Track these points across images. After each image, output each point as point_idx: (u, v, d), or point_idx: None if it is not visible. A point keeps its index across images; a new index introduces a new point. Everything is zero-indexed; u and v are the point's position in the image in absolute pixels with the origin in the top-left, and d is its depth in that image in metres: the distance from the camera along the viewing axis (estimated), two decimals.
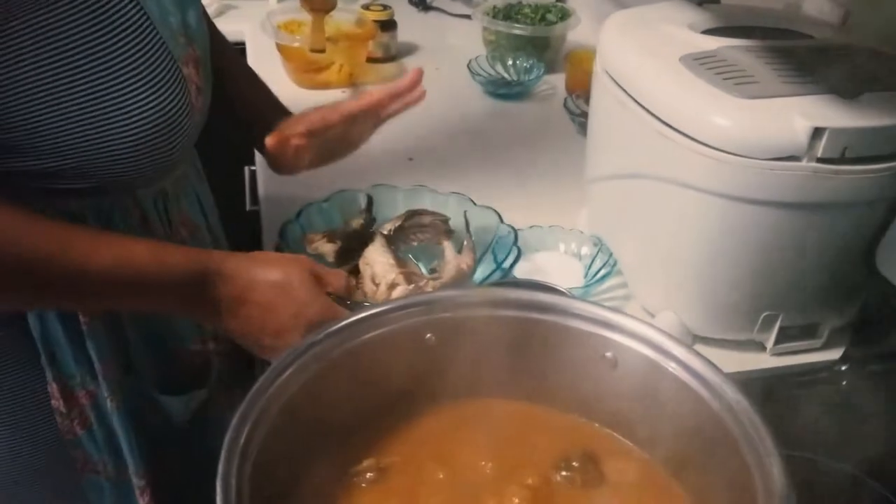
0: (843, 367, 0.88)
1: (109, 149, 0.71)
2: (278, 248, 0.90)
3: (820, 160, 0.76)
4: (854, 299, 0.88)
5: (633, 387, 0.66)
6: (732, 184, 0.79)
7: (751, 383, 0.81)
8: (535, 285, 0.77)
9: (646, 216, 0.91)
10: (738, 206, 0.80)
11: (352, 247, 0.92)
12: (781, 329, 0.88)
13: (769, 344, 0.89)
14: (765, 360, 0.90)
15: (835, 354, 0.90)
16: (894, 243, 0.79)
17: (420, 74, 0.91)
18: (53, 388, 0.79)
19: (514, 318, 0.68)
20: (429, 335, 0.68)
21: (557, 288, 0.75)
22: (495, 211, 0.97)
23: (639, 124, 0.86)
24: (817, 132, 0.74)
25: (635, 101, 0.87)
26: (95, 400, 0.81)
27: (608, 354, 0.67)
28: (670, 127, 0.81)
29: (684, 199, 0.83)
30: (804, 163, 0.76)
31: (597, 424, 0.69)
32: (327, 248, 0.92)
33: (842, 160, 0.76)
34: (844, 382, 0.87)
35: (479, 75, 1.46)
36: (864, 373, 0.87)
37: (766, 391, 0.85)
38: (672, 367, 0.63)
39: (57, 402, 0.80)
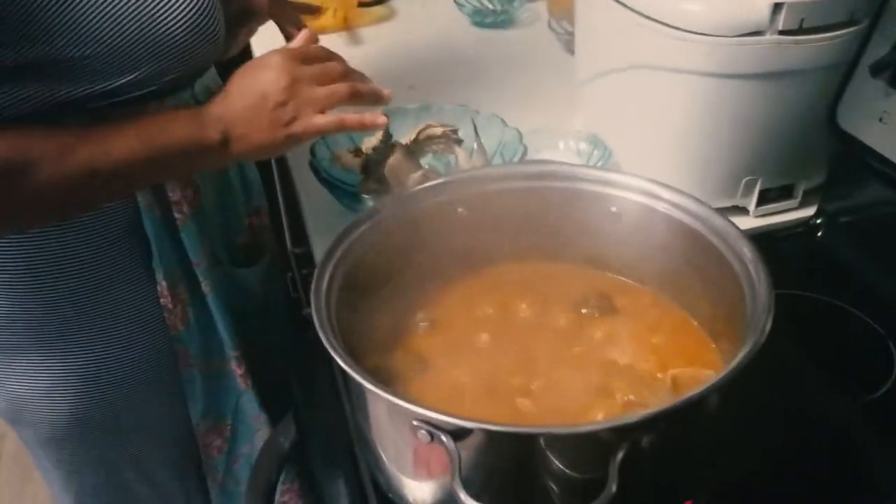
0: (818, 221, 1.00)
1: (155, 32, 0.77)
2: (311, 165, 1.01)
3: (781, 32, 0.87)
4: (823, 160, 0.99)
5: (635, 233, 0.78)
6: (704, 62, 0.90)
7: None
8: (545, 162, 0.88)
9: (633, 104, 1.02)
10: (713, 83, 0.91)
11: (376, 159, 1.03)
12: (761, 192, 1.00)
13: (751, 207, 1.01)
14: (749, 222, 1.01)
15: (810, 212, 1.02)
16: (851, 101, 0.90)
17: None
18: (163, 286, 0.90)
19: (530, 188, 0.80)
20: (460, 209, 0.79)
21: (564, 162, 0.86)
22: (499, 117, 1.08)
23: (620, 21, 0.97)
24: (777, 7, 0.85)
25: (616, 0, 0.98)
26: (192, 294, 0.93)
27: (613, 209, 0.79)
28: (648, 18, 0.92)
29: (666, 82, 0.94)
30: (767, 36, 0.87)
31: (607, 272, 0.81)
32: (354, 162, 1.03)
33: (800, 31, 0.87)
34: (820, 234, 0.99)
35: (465, 6, 1.56)
36: (837, 224, 0.99)
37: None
38: (664, 207, 0.75)
39: (165, 300, 0.91)
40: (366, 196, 0.98)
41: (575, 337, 0.75)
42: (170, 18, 0.78)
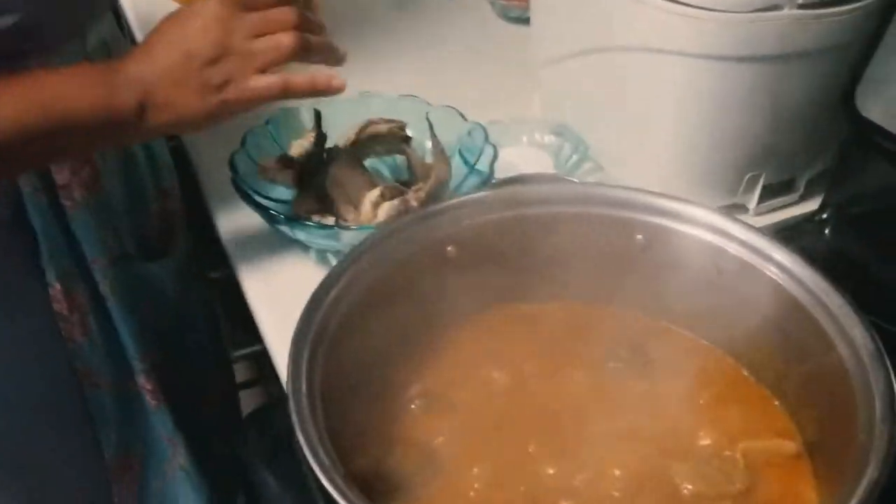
0: (825, 216, 0.89)
1: None
2: (234, 182, 0.81)
3: (801, 6, 0.73)
4: (829, 147, 0.88)
5: (672, 268, 0.64)
6: (712, 43, 0.76)
7: None
8: (549, 178, 0.72)
9: (613, 91, 0.87)
10: (717, 66, 0.77)
11: (311, 169, 0.85)
12: (763, 188, 0.87)
13: (752, 204, 0.88)
14: (749, 221, 0.88)
15: (813, 205, 0.90)
16: (871, 81, 0.78)
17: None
18: (56, 289, 0.75)
19: (533, 216, 0.64)
20: (449, 248, 0.63)
21: (569, 179, 0.71)
22: (455, 109, 0.91)
23: None
24: None
25: None
26: (92, 297, 0.78)
27: (639, 237, 0.64)
28: None
29: (657, 66, 0.79)
30: (786, 11, 0.73)
31: (639, 313, 0.66)
32: (285, 175, 0.84)
33: (822, 3, 0.74)
34: (828, 231, 0.88)
35: None
36: (846, 218, 0.87)
37: None
38: (706, 235, 0.61)
39: (60, 305, 0.76)
40: (309, 221, 0.79)
41: (608, 406, 0.60)
42: None
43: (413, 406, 0.59)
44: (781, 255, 0.57)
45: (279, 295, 0.80)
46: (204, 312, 1.00)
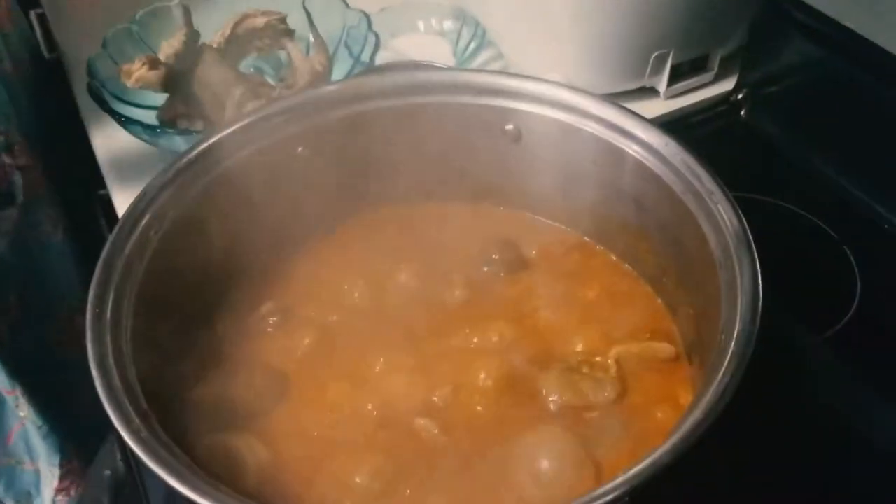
0: (740, 96, 0.83)
1: None
2: (91, 89, 0.74)
3: None
4: (741, 22, 0.81)
5: (543, 158, 0.58)
6: None
7: None
8: (408, 65, 0.65)
9: None
10: None
11: (180, 69, 0.77)
12: (672, 68, 0.81)
13: (662, 87, 0.82)
14: (660, 106, 0.83)
15: (728, 85, 0.84)
16: None
17: None
18: None
19: (394, 107, 0.58)
20: (300, 148, 0.57)
21: (434, 64, 0.64)
22: None
23: None
24: None
25: None
26: None
27: (508, 127, 0.58)
28: None
29: None
30: None
31: (509, 208, 0.61)
32: (152, 76, 0.76)
33: None
34: (743, 112, 0.82)
35: None
36: (762, 97, 0.81)
37: None
38: (585, 124, 0.55)
39: None
40: (171, 128, 0.73)
41: (478, 312, 0.55)
42: None
43: (263, 325, 0.54)
44: (650, 135, 0.51)
45: None
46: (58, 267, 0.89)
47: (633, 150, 0.52)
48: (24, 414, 0.82)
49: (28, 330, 0.81)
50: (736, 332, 0.41)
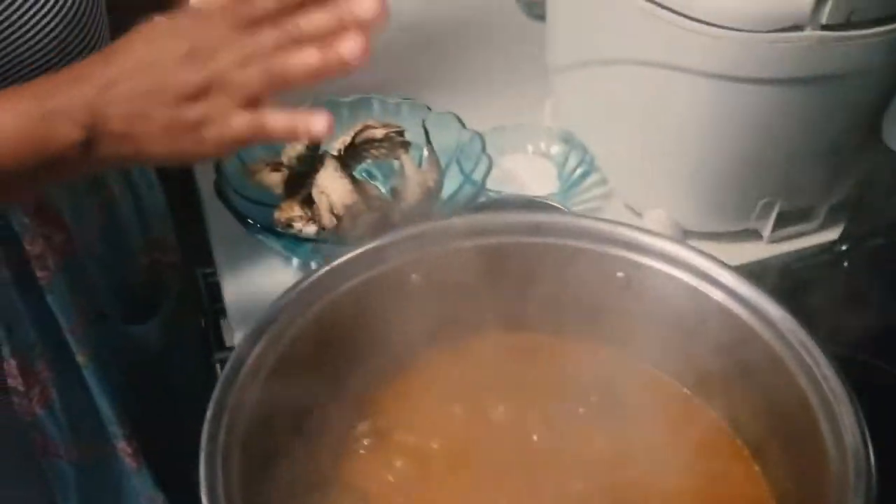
0: (843, 247, 0.82)
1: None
2: (217, 186, 0.78)
3: (825, 27, 0.67)
4: (852, 175, 0.82)
5: (652, 309, 0.59)
6: (728, 62, 0.70)
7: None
8: (524, 202, 0.68)
9: (626, 105, 0.81)
10: (733, 87, 0.71)
11: (301, 173, 0.81)
12: (779, 214, 0.81)
13: (766, 232, 0.82)
14: (761, 249, 0.83)
15: (832, 234, 0.84)
16: None
17: None
18: (11, 364, 0.69)
19: (512, 244, 0.60)
20: (413, 275, 0.59)
21: (552, 203, 0.66)
22: (455, 116, 0.87)
23: (614, 1, 0.76)
24: None
25: None
26: (57, 368, 0.71)
27: (620, 274, 0.59)
28: (653, 2, 0.71)
29: (672, 82, 0.74)
30: (808, 32, 0.67)
31: (613, 350, 0.62)
32: (274, 179, 0.81)
33: (847, 25, 0.68)
34: (846, 263, 0.82)
35: None
36: (866, 251, 0.81)
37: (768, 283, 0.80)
38: (697, 283, 0.56)
39: (14, 381, 0.70)
40: (286, 229, 0.76)
41: (571, 455, 0.56)
42: (25, 29, 0.57)
43: (357, 445, 0.56)
44: (772, 309, 0.52)
45: (255, 302, 0.77)
46: (192, 360, 0.92)
47: (746, 316, 0.52)
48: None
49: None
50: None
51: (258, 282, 0.80)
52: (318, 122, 0.52)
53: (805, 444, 0.49)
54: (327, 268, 0.56)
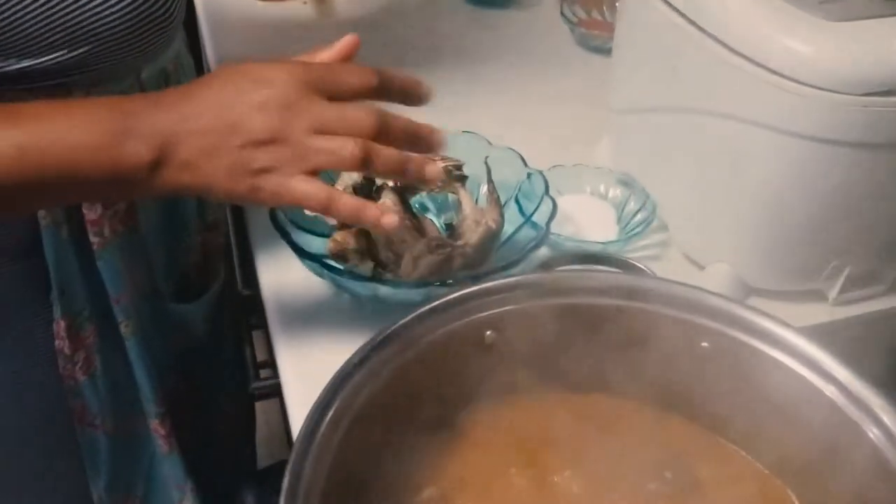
0: None
1: (76, 14, 0.59)
2: (272, 217, 0.75)
3: None
4: None
5: (735, 382, 0.56)
6: (812, 123, 0.67)
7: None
8: (601, 259, 0.65)
9: (695, 154, 0.79)
10: (815, 148, 0.68)
11: None
12: (847, 277, 0.79)
13: (832, 294, 0.80)
14: (826, 312, 0.80)
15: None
16: None
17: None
18: (60, 325, 0.71)
19: (597, 306, 0.57)
20: (489, 332, 0.56)
21: (635, 264, 0.63)
22: (517, 152, 0.84)
23: (692, 48, 0.73)
24: None
25: (688, 19, 0.73)
26: (103, 336, 0.74)
27: (704, 344, 0.56)
28: (736, 53, 0.69)
29: (748, 137, 0.71)
30: None
31: (692, 423, 0.59)
32: None
33: None
34: None
35: None
36: None
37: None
38: (800, 369, 0.53)
39: (62, 343, 0.71)
40: (340, 262, 0.73)
41: None
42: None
43: None
44: (889, 416, 0.49)
45: (303, 336, 0.74)
46: (232, 350, 0.95)
47: (850, 410, 0.50)
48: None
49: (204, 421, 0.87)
50: None
51: (306, 313, 0.77)
52: (387, 221, 0.58)
53: None
54: (403, 321, 0.53)
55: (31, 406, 0.74)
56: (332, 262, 0.74)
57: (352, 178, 0.81)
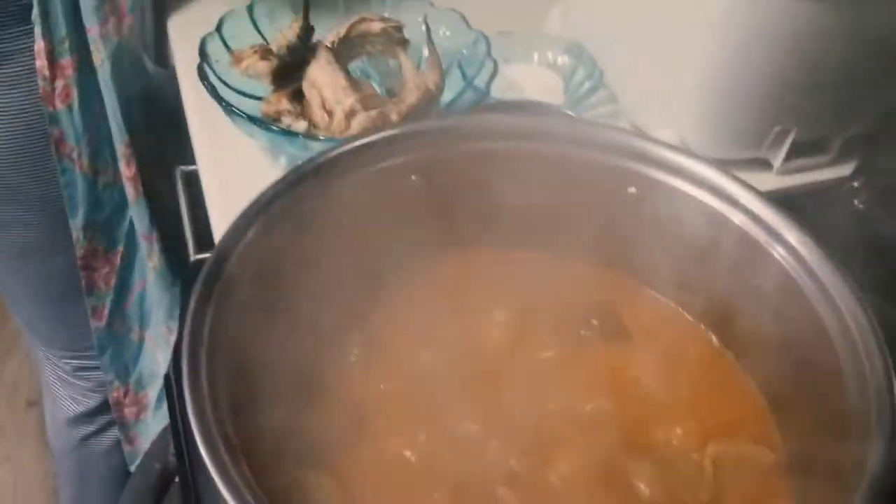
0: (856, 183, 0.79)
1: None
2: (200, 70, 0.72)
3: None
4: (873, 105, 0.77)
5: (664, 230, 0.55)
6: None
7: None
8: (533, 106, 0.63)
9: (640, 16, 0.76)
10: (760, 2, 0.66)
11: (291, 64, 0.75)
12: (792, 144, 0.77)
13: (777, 162, 0.78)
14: (771, 180, 0.79)
15: (845, 170, 0.81)
16: None
17: None
18: (40, 45, 0.75)
19: (512, 151, 0.55)
20: (413, 176, 0.54)
21: (565, 111, 0.61)
22: (460, 14, 0.81)
23: None
24: None
25: None
26: (81, 70, 0.78)
27: (632, 190, 0.55)
28: None
29: None
30: None
31: (619, 272, 0.58)
32: (262, 67, 0.75)
33: None
34: (857, 200, 0.79)
35: None
36: (880, 187, 0.78)
37: None
38: (724, 209, 0.52)
39: (42, 63, 0.76)
40: (273, 123, 0.71)
41: (572, 378, 0.53)
42: None
43: (349, 356, 0.52)
44: (794, 235, 0.48)
45: (238, 200, 0.72)
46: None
47: (770, 246, 0.49)
48: (153, 264, 0.87)
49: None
50: (873, 456, 0.38)
51: (241, 178, 0.74)
52: None
53: (822, 378, 0.46)
54: (320, 160, 0.51)
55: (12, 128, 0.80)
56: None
57: (286, 37, 0.77)
